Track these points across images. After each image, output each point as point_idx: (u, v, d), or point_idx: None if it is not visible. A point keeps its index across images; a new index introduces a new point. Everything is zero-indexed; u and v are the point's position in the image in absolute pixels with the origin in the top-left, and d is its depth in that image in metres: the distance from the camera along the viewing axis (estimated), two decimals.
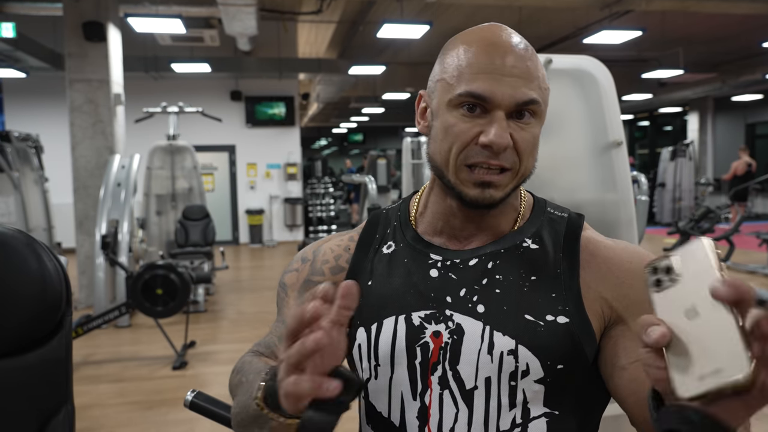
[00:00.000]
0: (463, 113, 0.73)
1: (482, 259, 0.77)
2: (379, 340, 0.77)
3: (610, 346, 0.73)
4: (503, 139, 0.70)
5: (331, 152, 26.18)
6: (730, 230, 4.40)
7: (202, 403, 1.01)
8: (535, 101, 0.72)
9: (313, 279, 0.86)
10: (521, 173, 0.75)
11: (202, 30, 8.51)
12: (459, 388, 0.73)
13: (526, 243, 0.78)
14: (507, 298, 0.74)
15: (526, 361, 0.71)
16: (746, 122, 14.85)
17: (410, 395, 0.75)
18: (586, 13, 8.01)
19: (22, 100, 10.01)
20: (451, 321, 0.74)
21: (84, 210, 6.07)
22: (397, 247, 0.83)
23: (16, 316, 0.92)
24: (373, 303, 0.79)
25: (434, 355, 0.74)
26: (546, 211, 0.82)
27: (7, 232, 0.94)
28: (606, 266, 0.75)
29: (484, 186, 0.73)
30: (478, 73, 0.72)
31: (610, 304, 0.73)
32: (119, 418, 3.33)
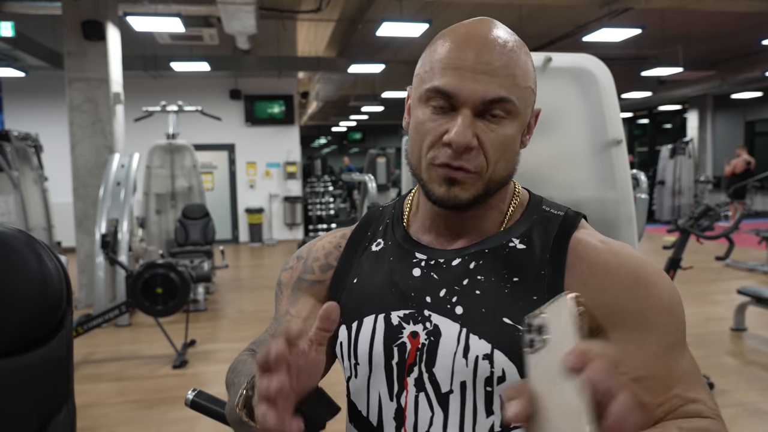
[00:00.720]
0: (431, 110, 0.70)
1: (465, 259, 0.74)
2: (358, 339, 0.76)
3: None
4: (463, 138, 0.67)
5: (330, 151, 26.17)
6: (730, 228, 4.40)
7: (203, 402, 1.01)
8: (506, 99, 0.68)
9: (304, 277, 0.87)
10: (489, 176, 0.70)
11: (202, 29, 8.50)
12: (435, 391, 0.71)
13: (513, 243, 0.74)
14: (486, 300, 0.71)
15: (502, 367, 0.68)
16: (745, 120, 14.84)
17: (387, 396, 0.74)
18: (585, 11, 8.00)
19: (21, 99, 10.00)
20: (429, 322, 0.72)
21: (83, 209, 6.06)
22: (386, 245, 0.81)
23: (16, 315, 0.92)
24: (356, 301, 0.78)
25: (411, 356, 0.72)
26: (540, 209, 0.78)
27: (8, 231, 0.94)
28: (590, 271, 0.70)
29: (450, 183, 0.70)
30: (446, 68, 0.69)
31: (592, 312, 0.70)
32: (119, 417, 3.34)
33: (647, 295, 0.68)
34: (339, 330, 0.79)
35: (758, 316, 4.93)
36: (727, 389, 3.51)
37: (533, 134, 0.79)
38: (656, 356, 0.67)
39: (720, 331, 4.69)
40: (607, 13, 7.74)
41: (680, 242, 4.07)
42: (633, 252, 0.72)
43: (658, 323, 0.68)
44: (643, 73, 10.54)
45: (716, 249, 7.01)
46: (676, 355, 0.68)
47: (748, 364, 4.03)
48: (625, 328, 0.68)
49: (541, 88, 1.58)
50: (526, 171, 1.51)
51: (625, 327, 0.68)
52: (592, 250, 0.72)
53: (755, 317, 4.89)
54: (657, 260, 5.65)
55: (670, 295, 0.69)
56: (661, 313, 0.68)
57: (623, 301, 0.68)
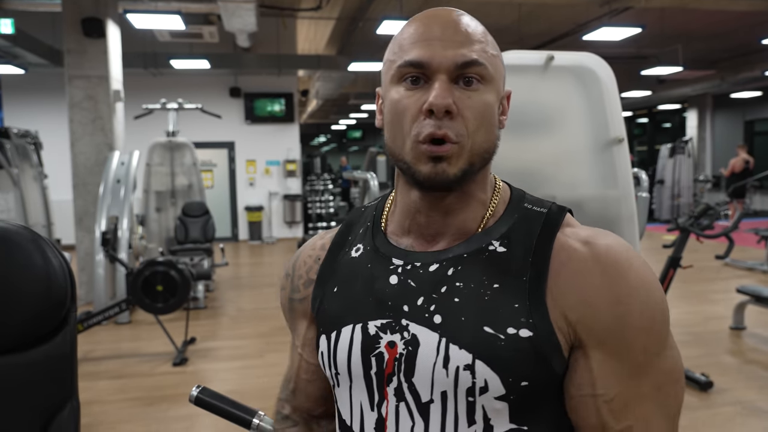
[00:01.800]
0: (406, 87, 0.69)
1: (443, 264, 0.71)
2: (337, 349, 0.75)
3: (568, 369, 0.68)
4: (443, 99, 0.66)
5: (330, 149, 26.16)
6: (730, 227, 4.40)
7: (207, 398, 1.01)
8: (478, 62, 0.68)
9: (294, 297, 0.86)
10: (470, 146, 0.68)
11: (202, 26, 8.49)
12: (415, 400, 0.69)
13: (493, 246, 0.71)
14: (466, 308, 0.68)
15: (484, 378, 0.65)
16: (745, 119, 14.85)
17: (368, 405, 0.73)
18: (585, 10, 8.00)
19: (21, 96, 9.99)
20: (407, 331, 0.70)
21: (83, 206, 6.06)
22: (364, 250, 0.79)
23: (21, 312, 0.92)
24: (335, 310, 0.77)
25: (389, 365, 0.71)
26: (522, 207, 0.74)
27: (12, 228, 0.95)
28: (574, 281, 0.67)
29: (436, 160, 0.67)
30: (415, 43, 0.69)
31: (573, 326, 0.66)
32: (120, 415, 3.34)
33: (627, 312, 0.65)
34: (320, 340, 0.78)
35: (757, 315, 4.94)
36: (726, 387, 3.52)
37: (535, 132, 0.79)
38: (628, 378, 0.66)
39: (719, 330, 4.70)
40: (607, 12, 7.75)
41: (680, 241, 4.07)
42: (617, 254, 0.68)
43: (636, 343, 0.66)
44: (642, 72, 10.55)
45: (716, 248, 7.02)
46: (649, 374, 0.67)
47: (747, 362, 4.04)
48: (604, 345, 0.66)
49: (544, 87, 1.59)
50: (529, 169, 1.52)
51: (604, 344, 0.66)
52: (575, 258, 0.68)
53: (754, 316, 4.90)
54: (657, 259, 5.66)
55: (653, 310, 0.67)
56: (639, 334, 0.66)
57: (603, 317, 0.66)
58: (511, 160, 1.40)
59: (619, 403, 0.66)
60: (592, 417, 0.67)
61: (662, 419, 0.67)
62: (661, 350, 0.67)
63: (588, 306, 0.66)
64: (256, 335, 4.86)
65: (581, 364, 0.67)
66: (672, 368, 0.68)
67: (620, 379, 0.66)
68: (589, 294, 0.66)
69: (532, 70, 1.48)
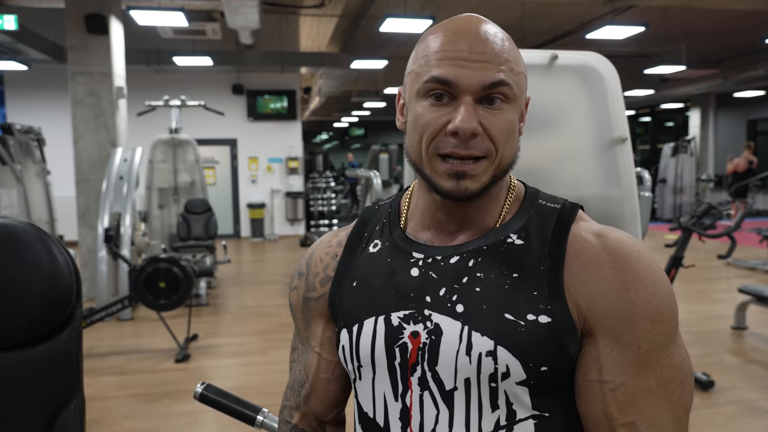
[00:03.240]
0: (431, 102, 0.71)
1: (463, 256, 0.74)
2: (360, 342, 0.76)
3: (579, 355, 0.70)
4: (469, 124, 0.68)
5: (332, 146, 26.16)
6: (732, 227, 4.40)
7: (212, 395, 1.02)
8: (504, 83, 0.69)
9: (309, 296, 0.87)
10: (498, 161, 0.71)
11: (204, 23, 8.48)
12: (439, 389, 0.71)
13: (511, 239, 0.74)
14: (487, 297, 0.70)
15: (506, 363, 0.68)
16: (748, 118, 14.82)
17: (392, 396, 0.74)
18: (589, 9, 7.99)
19: (23, 92, 10.00)
20: (430, 321, 0.72)
21: (86, 203, 6.08)
22: (383, 246, 0.81)
23: (27, 309, 0.93)
24: (356, 304, 0.78)
25: (413, 355, 0.72)
26: (537, 204, 0.77)
27: (19, 225, 0.95)
28: (586, 270, 0.70)
29: (459, 177, 0.70)
30: (443, 59, 0.70)
31: (584, 313, 0.69)
32: (122, 411, 3.35)
33: (635, 300, 0.68)
34: (341, 334, 0.79)
35: (759, 315, 4.93)
36: (727, 387, 3.52)
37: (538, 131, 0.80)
38: (633, 367, 0.68)
39: (721, 330, 4.70)
40: (610, 11, 7.73)
41: (682, 240, 4.07)
42: (628, 246, 0.71)
43: (642, 332, 0.68)
44: (645, 71, 10.53)
45: (718, 247, 7.02)
46: (654, 367, 0.69)
47: (748, 362, 4.04)
48: (612, 332, 0.68)
49: (547, 86, 1.59)
50: (532, 168, 1.52)
51: (613, 332, 0.68)
52: (588, 249, 0.71)
53: (756, 316, 4.90)
54: (659, 258, 5.65)
55: (660, 300, 0.69)
56: (645, 320, 0.68)
57: (612, 304, 0.68)
58: None
59: (625, 393, 0.68)
60: (598, 405, 0.69)
61: (668, 419, 0.69)
62: (667, 344, 0.69)
63: (598, 294, 0.69)
64: (258, 332, 4.87)
65: (589, 351, 0.69)
66: (679, 366, 0.69)
67: (626, 368, 0.68)
68: (600, 283, 0.69)
69: (535, 69, 1.48)
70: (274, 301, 5.97)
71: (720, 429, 3.03)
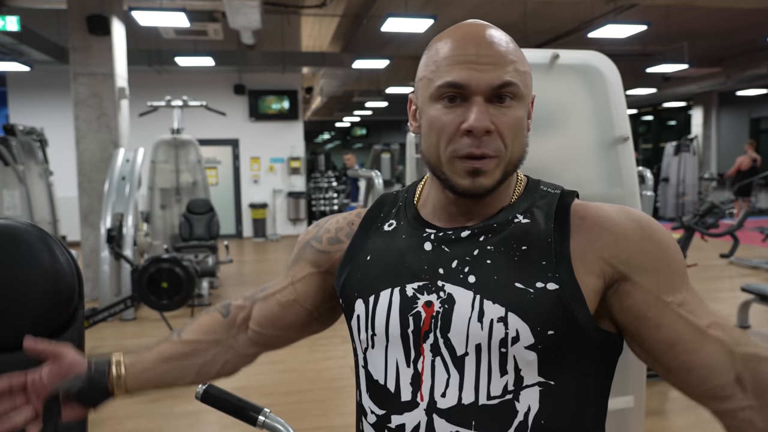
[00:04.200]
0: (444, 105, 0.75)
1: (474, 232, 0.79)
2: (375, 312, 0.80)
3: (624, 303, 0.74)
4: (483, 122, 0.73)
5: (334, 146, 26.16)
6: (735, 225, 4.39)
7: (214, 395, 1.02)
8: (511, 83, 0.74)
9: (311, 243, 0.93)
10: (508, 158, 0.76)
11: (206, 23, 8.50)
12: (450, 354, 0.75)
13: (518, 219, 0.79)
14: (497, 267, 0.75)
15: (516, 328, 0.72)
16: (750, 117, 14.79)
17: (404, 363, 0.78)
18: (590, 7, 7.98)
19: (26, 93, 10.02)
20: (443, 291, 0.76)
21: (89, 203, 6.09)
22: (398, 225, 0.86)
23: (30, 309, 0.93)
24: (371, 276, 0.83)
25: (426, 323, 0.76)
26: (539, 189, 0.83)
27: (21, 226, 0.95)
28: (598, 226, 0.75)
29: (475, 174, 0.75)
30: (453, 64, 0.74)
31: (609, 262, 0.74)
32: (125, 411, 3.36)
33: (657, 243, 0.75)
34: (356, 304, 0.83)
35: (762, 314, 4.92)
36: None
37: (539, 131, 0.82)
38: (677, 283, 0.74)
39: None
40: (612, 9, 7.72)
41: (685, 239, 4.07)
42: (630, 209, 0.78)
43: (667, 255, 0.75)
44: (648, 70, 10.51)
45: (720, 246, 7.00)
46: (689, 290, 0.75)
47: None
48: (645, 270, 0.74)
49: (549, 85, 1.59)
50: (534, 167, 1.52)
51: (645, 270, 0.74)
52: (593, 210, 0.78)
53: (759, 315, 4.88)
54: None
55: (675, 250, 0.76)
56: (671, 259, 0.75)
57: (635, 247, 0.74)
58: None
59: (690, 305, 0.74)
60: (679, 323, 0.73)
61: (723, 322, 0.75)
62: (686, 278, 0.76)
63: (618, 240, 0.74)
64: None
65: (636, 292, 0.74)
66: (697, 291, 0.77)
67: (674, 289, 0.74)
68: (616, 231, 0.75)
69: (536, 68, 1.48)
70: None
71: (723, 428, 3.02)
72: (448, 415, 0.74)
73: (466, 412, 0.73)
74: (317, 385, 3.74)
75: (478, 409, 0.73)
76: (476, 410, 0.73)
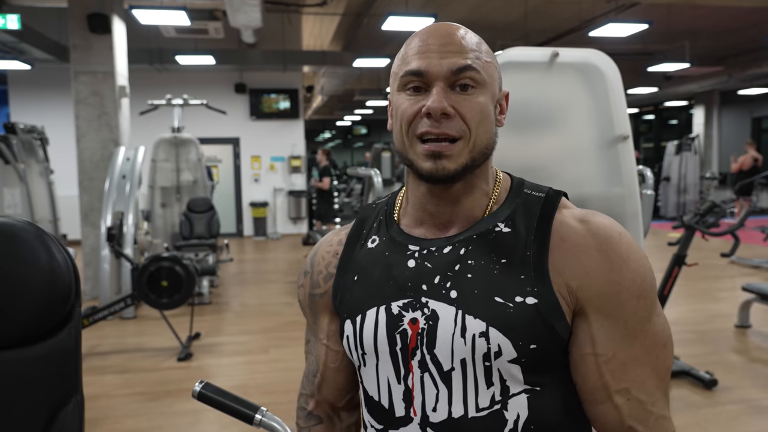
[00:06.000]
0: (408, 95, 0.77)
1: (455, 246, 0.79)
2: (363, 331, 0.81)
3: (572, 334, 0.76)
4: (439, 104, 0.74)
5: (335, 145, 26.16)
6: (736, 225, 4.38)
7: (210, 393, 1.01)
8: (470, 68, 0.75)
9: (314, 293, 0.92)
10: (473, 142, 0.76)
11: (207, 22, 8.49)
12: (437, 370, 0.76)
13: (499, 227, 0.79)
14: (478, 282, 0.76)
15: (497, 343, 0.73)
16: (752, 116, 14.77)
17: (395, 379, 0.79)
18: (591, 6, 7.96)
19: (27, 92, 10.02)
20: (427, 308, 0.77)
21: (89, 202, 6.09)
22: (380, 241, 0.86)
23: (26, 307, 0.93)
24: (358, 296, 0.83)
25: (412, 340, 0.77)
26: (522, 193, 0.83)
27: (17, 224, 0.95)
28: (573, 253, 0.75)
29: (436, 157, 0.75)
30: (415, 55, 0.77)
31: (575, 293, 0.74)
32: (125, 409, 3.36)
33: (621, 279, 0.74)
34: (345, 325, 0.84)
35: (763, 313, 4.92)
36: (731, 386, 3.51)
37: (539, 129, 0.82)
38: (622, 339, 0.74)
39: (724, 328, 4.68)
40: (613, 8, 7.71)
41: (685, 239, 4.06)
42: (609, 229, 0.76)
43: (629, 307, 0.74)
44: (649, 69, 10.49)
45: (721, 246, 6.99)
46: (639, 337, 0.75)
47: (752, 360, 4.03)
48: (602, 310, 0.74)
49: (549, 84, 1.58)
50: (534, 166, 1.51)
51: (602, 309, 0.74)
52: (572, 233, 0.77)
53: (760, 314, 4.88)
54: (662, 256, 5.64)
55: (643, 278, 0.75)
56: (631, 297, 0.74)
57: (600, 284, 0.74)
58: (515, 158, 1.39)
59: (616, 363, 0.74)
60: (594, 376, 0.75)
61: (655, 381, 0.76)
62: (649, 315, 0.76)
63: (586, 274, 0.74)
64: (261, 331, 4.87)
65: (583, 328, 0.75)
66: (660, 332, 0.76)
67: (616, 340, 0.74)
68: (588, 265, 0.75)
69: (536, 66, 1.47)
70: (277, 299, 5.97)
71: (723, 428, 3.02)
72: (440, 429, 0.76)
73: (457, 424, 0.75)
74: None
75: (468, 421, 0.75)
76: (467, 423, 0.75)
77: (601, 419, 0.76)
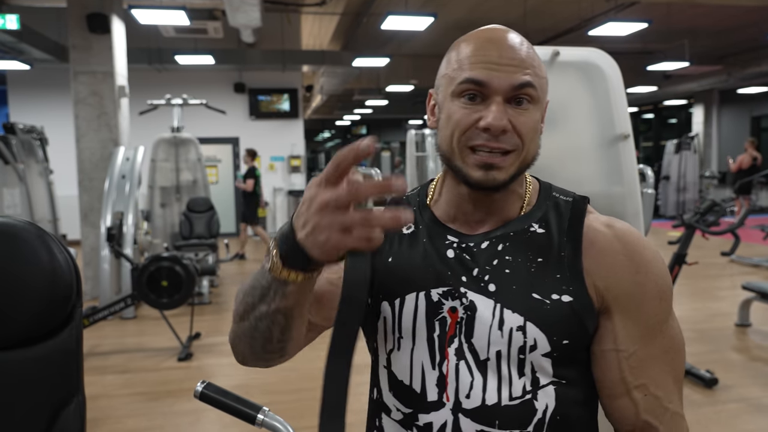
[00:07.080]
0: (464, 102, 0.78)
1: (493, 241, 0.82)
2: (402, 314, 0.83)
3: (595, 331, 0.81)
4: (500, 121, 0.75)
5: (334, 144, 26.15)
6: (736, 223, 4.38)
7: (212, 393, 1.01)
8: (530, 84, 0.77)
9: None
10: (524, 156, 0.79)
11: (206, 22, 8.49)
12: (474, 359, 0.79)
13: (533, 228, 0.83)
14: (516, 278, 0.79)
15: (534, 337, 0.77)
16: (751, 115, 14.76)
17: (430, 365, 0.81)
18: (591, 5, 7.96)
19: (26, 92, 10.02)
20: (465, 298, 0.80)
21: (89, 202, 6.08)
22: (416, 228, 0.88)
23: (27, 307, 0.93)
24: (395, 279, 0.85)
25: (451, 328, 0.80)
26: (552, 196, 0.86)
27: (18, 224, 0.95)
28: (601, 256, 0.80)
29: (488, 168, 0.77)
30: (475, 63, 0.78)
31: (602, 294, 0.79)
32: (125, 409, 3.36)
33: (645, 281, 0.79)
34: (381, 306, 0.85)
35: (763, 312, 4.92)
36: (731, 384, 3.51)
37: None
38: (642, 338, 0.79)
39: (724, 327, 4.68)
40: (613, 7, 7.71)
41: (685, 237, 4.06)
42: (635, 235, 0.82)
43: (651, 308, 0.79)
44: (648, 68, 10.49)
45: (721, 244, 7.00)
46: (658, 336, 0.80)
47: (752, 359, 4.03)
48: (626, 309, 0.79)
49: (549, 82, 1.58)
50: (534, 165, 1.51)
51: (626, 309, 0.79)
52: (602, 237, 0.81)
53: (760, 313, 4.88)
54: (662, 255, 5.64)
55: (664, 281, 0.81)
56: (654, 298, 0.80)
57: (626, 285, 0.79)
58: None
59: (636, 360, 0.79)
60: (614, 371, 0.80)
61: (671, 380, 0.81)
62: (667, 317, 0.81)
63: (614, 275, 0.79)
64: None
65: (606, 326, 0.80)
66: (675, 336, 0.82)
67: (636, 338, 0.79)
68: (615, 267, 0.80)
69: None
70: None
71: (724, 426, 3.03)
72: (473, 415, 0.78)
73: (490, 412, 0.78)
74: (317, 383, 3.73)
75: (501, 409, 0.78)
76: (500, 410, 0.78)
77: (618, 413, 0.81)
